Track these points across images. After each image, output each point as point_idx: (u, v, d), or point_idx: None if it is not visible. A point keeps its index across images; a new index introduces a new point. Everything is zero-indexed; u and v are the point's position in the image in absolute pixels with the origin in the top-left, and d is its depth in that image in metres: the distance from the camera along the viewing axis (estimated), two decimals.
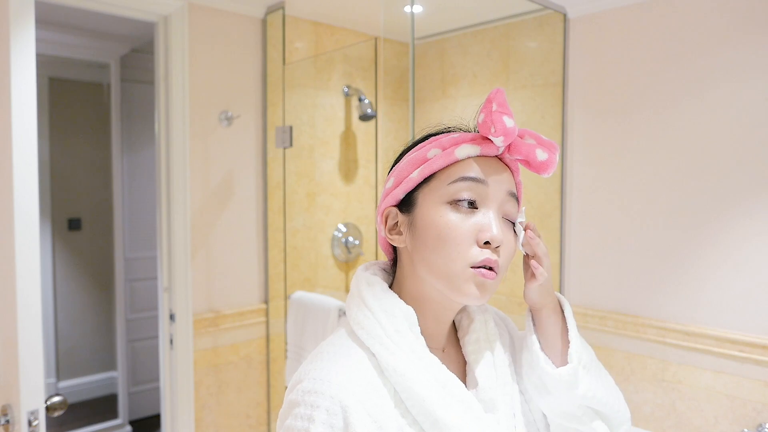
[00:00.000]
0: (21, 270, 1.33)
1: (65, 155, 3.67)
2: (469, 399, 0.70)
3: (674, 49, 1.92)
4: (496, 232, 0.69)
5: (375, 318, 0.71)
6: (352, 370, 0.67)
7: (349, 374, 0.66)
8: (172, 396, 2.11)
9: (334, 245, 2.54)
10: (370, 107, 2.42)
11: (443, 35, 2.57)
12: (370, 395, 0.66)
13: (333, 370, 0.67)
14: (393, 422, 0.66)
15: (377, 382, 0.68)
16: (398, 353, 0.68)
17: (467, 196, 0.70)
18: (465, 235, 0.69)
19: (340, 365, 0.68)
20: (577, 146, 2.19)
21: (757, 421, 1.77)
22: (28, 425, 1.31)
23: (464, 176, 0.71)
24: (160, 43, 2.05)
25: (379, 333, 0.69)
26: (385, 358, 0.68)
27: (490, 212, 0.71)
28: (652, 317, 2.00)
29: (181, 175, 2.06)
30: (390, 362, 0.67)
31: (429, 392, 0.67)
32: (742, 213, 1.80)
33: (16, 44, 1.32)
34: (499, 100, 0.70)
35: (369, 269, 0.79)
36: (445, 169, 0.72)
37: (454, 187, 0.71)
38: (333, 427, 0.63)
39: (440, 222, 0.70)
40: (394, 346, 0.68)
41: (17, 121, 1.32)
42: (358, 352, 0.70)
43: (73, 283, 3.73)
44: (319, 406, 0.64)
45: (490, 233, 0.69)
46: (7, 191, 1.34)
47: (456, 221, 0.70)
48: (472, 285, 0.69)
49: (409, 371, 0.67)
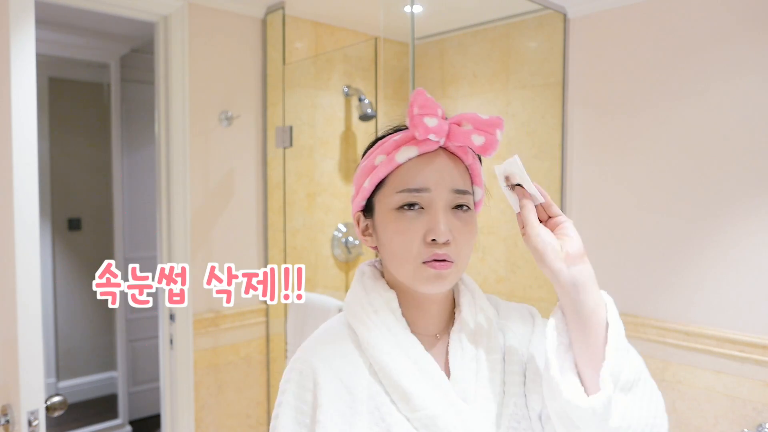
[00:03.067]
0: (21, 270, 1.33)
1: (65, 155, 3.67)
2: (440, 379, 0.73)
3: (674, 48, 1.92)
4: (441, 230, 0.72)
5: (359, 301, 0.80)
6: (331, 342, 0.78)
7: (326, 345, 0.77)
8: (172, 396, 2.10)
9: (334, 245, 2.54)
10: (370, 107, 2.42)
11: (443, 35, 2.57)
12: (343, 363, 0.75)
13: (314, 343, 0.79)
14: (365, 390, 0.73)
15: (355, 354, 0.76)
16: (374, 330, 0.76)
17: (411, 203, 0.74)
18: (413, 237, 0.74)
19: (322, 339, 0.79)
20: (576, 146, 2.19)
21: (757, 421, 1.77)
22: (28, 425, 1.31)
23: (406, 188, 0.74)
24: (160, 43, 2.05)
25: (361, 313, 0.78)
26: (362, 333, 0.76)
27: (435, 211, 0.74)
28: (652, 317, 2.00)
29: (181, 175, 2.06)
30: (365, 337, 0.75)
31: (397, 365, 0.73)
32: (742, 213, 1.80)
33: (16, 44, 1.32)
34: (420, 102, 0.72)
35: (368, 263, 0.86)
36: (392, 174, 0.76)
37: (399, 197, 0.75)
38: (303, 387, 0.74)
39: (391, 228, 0.75)
40: (371, 323, 0.76)
41: (17, 121, 1.32)
42: (342, 330, 0.79)
43: (73, 283, 3.73)
44: (295, 369, 0.76)
45: (434, 234, 0.72)
46: (7, 191, 1.34)
47: (404, 226, 0.74)
48: (426, 278, 0.74)
49: (381, 344, 0.74)
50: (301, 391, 0.74)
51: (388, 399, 0.72)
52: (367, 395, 0.72)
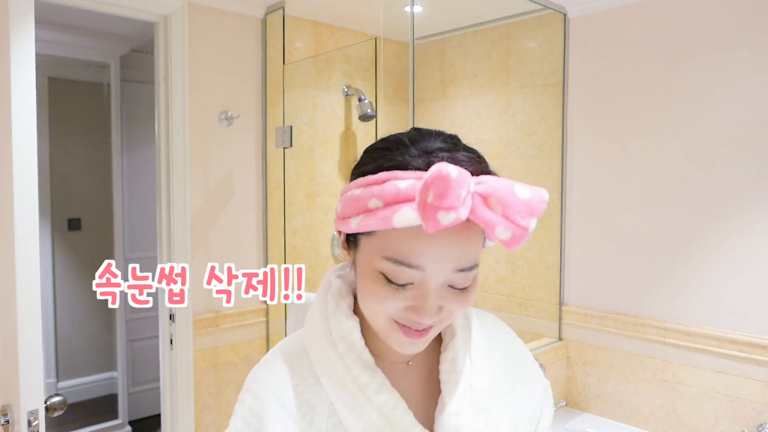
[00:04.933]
0: (21, 270, 1.33)
1: (65, 155, 3.66)
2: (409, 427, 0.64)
3: (674, 49, 1.92)
4: (427, 314, 0.60)
5: (316, 328, 0.69)
6: (286, 372, 0.68)
7: (282, 376, 0.68)
8: (172, 396, 2.10)
9: (334, 245, 2.54)
10: (370, 107, 2.42)
11: (443, 35, 2.57)
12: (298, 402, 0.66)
13: (269, 372, 0.69)
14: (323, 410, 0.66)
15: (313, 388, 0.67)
16: (331, 368, 0.66)
17: (399, 278, 0.60)
18: (394, 303, 0.61)
19: (277, 367, 0.69)
20: (576, 146, 2.19)
21: (757, 421, 1.77)
22: (27, 425, 1.31)
23: (396, 259, 0.59)
24: (160, 43, 2.05)
25: (318, 343, 0.68)
26: (320, 370, 0.67)
27: (426, 293, 0.60)
28: (652, 317, 2.00)
29: (181, 175, 2.06)
30: (322, 375, 0.67)
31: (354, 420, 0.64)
32: (742, 213, 1.80)
33: (16, 44, 1.32)
34: (438, 190, 0.53)
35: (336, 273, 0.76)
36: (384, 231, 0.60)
37: (385, 265, 0.60)
38: (249, 424, 0.66)
39: (371, 284, 0.62)
40: (332, 357, 0.67)
41: (17, 121, 1.32)
42: (300, 355, 0.70)
43: (73, 283, 3.73)
44: (244, 401, 0.68)
45: (417, 315, 0.60)
46: (7, 191, 1.34)
47: (386, 290, 0.60)
48: (396, 340, 0.63)
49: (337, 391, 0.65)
50: (246, 428, 0.66)
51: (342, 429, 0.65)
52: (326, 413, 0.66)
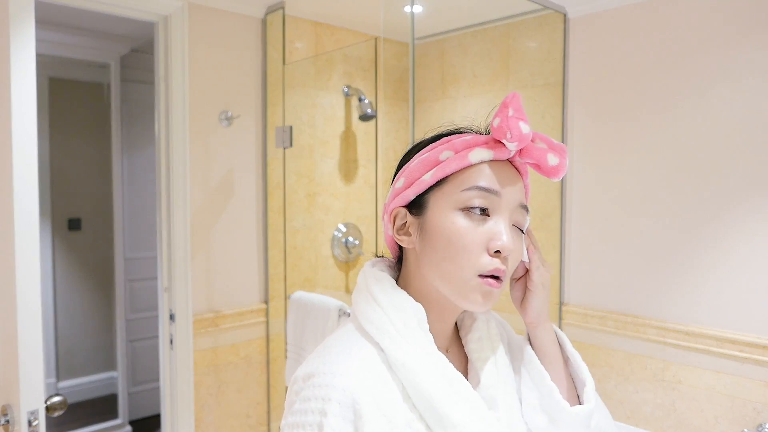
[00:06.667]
0: (21, 270, 1.33)
1: (65, 155, 3.66)
2: (475, 397, 0.70)
3: (674, 49, 1.92)
4: (507, 241, 0.69)
5: (384, 313, 0.71)
6: (362, 363, 0.68)
7: (359, 367, 0.67)
8: (172, 396, 2.10)
9: (334, 245, 2.54)
10: (370, 107, 2.42)
11: (443, 35, 2.57)
12: (379, 389, 0.66)
13: (343, 364, 0.67)
14: (401, 416, 0.66)
15: (386, 376, 0.68)
16: (407, 348, 0.68)
17: (480, 203, 0.70)
18: (476, 242, 0.69)
19: (350, 359, 0.68)
20: (577, 146, 2.19)
21: (757, 421, 1.77)
22: (28, 425, 1.31)
23: (478, 186, 0.70)
24: (160, 43, 2.05)
25: (389, 328, 0.70)
26: (394, 353, 0.68)
27: (501, 221, 0.70)
28: (652, 317, 2.00)
29: (181, 175, 2.06)
30: (399, 357, 0.68)
31: (437, 389, 0.67)
32: (742, 213, 1.80)
33: (16, 44, 1.32)
34: (515, 105, 0.70)
35: (376, 266, 0.79)
36: (458, 173, 0.72)
37: (467, 195, 0.70)
38: (345, 418, 0.63)
39: (451, 228, 0.70)
40: (403, 341, 0.69)
41: (17, 121, 1.32)
42: (366, 346, 0.70)
43: (73, 283, 3.73)
44: (332, 399, 0.64)
45: (501, 242, 0.69)
46: (7, 191, 1.34)
47: (467, 228, 0.70)
48: (478, 294, 0.70)
49: (418, 367, 0.67)
50: (344, 423, 0.64)
51: (424, 425, 0.68)
52: (404, 422, 0.67)
